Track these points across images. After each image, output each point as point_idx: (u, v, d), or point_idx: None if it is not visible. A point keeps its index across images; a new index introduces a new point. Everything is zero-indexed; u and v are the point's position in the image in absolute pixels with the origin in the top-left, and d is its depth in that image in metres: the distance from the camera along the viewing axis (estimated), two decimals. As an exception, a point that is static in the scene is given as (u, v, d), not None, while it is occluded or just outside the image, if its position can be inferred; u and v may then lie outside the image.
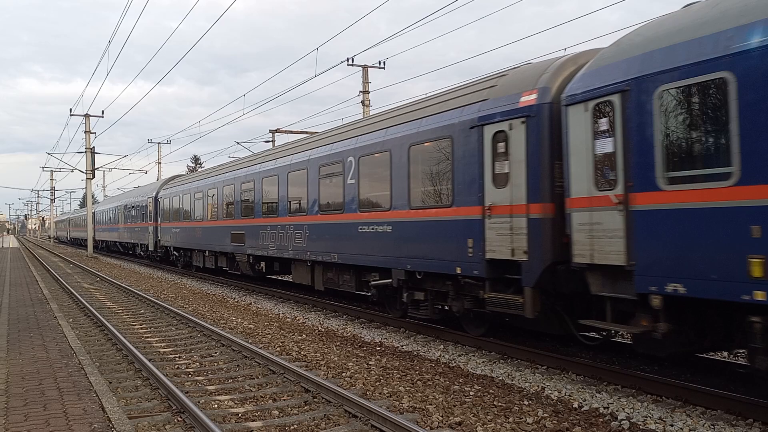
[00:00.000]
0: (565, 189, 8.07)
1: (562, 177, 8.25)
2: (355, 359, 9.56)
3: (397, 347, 10.77)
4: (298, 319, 14.09)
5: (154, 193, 31.01)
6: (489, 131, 9.21)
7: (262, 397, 7.59)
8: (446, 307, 10.84)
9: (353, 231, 12.81)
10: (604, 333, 9.18)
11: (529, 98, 8.66)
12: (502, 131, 8.98)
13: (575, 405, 7.22)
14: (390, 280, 11.64)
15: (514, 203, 8.75)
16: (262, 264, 18.81)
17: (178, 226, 26.50)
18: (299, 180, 15.32)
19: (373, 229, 12.09)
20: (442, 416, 6.65)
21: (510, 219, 8.79)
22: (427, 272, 10.67)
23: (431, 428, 6.33)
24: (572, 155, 7.91)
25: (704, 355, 8.99)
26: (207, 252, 23.31)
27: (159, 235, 29.77)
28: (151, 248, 31.37)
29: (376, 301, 12.85)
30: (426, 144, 10.67)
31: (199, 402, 7.19)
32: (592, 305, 8.27)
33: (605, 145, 7.44)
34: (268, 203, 17.30)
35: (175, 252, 28.24)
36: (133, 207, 35.78)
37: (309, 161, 14.88)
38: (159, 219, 29.86)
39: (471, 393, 7.66)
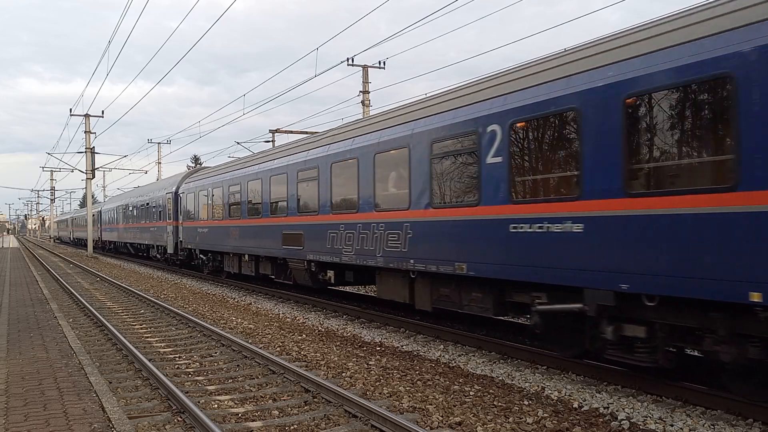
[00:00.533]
0: None
1: None
2: (355, 359, 9.56)
3: (397, 347, 10.77)
4: (298, 319, 14.09)
5: (174, 188, 27.44)
6: None
7: (262, 397, 7.59)
8: (682, 349, 7.56)
9: (499, 231, 8.95)
10: None
11: None
12: None
13: (575, 405, 7.21)
14: (579, 305, 7.81)
15: None
16: (330, 273, 14.79)
17: (206, 226, 22.61)
18: (394, 163, 11.50)
19: (542, 228, 8.28)
20: (442, 416, 6.65)
21: None
22: (667, 296, 6.85)
23: (431, 428, 6.33)
24: None
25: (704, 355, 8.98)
26: (246, 256, 19.44)
27: (180, 235, 26.71)
28: (170, 250, 27.92)
29: (539, 333, 8.91)
30: (661, 91, 6.80)
31: (199, 402, 7.19)
32: None
33: None
34: (341, 196, 13.47)
35: (201, 255, 24.35)
36: (147, 204, 32.29)
37: (412, 137, 10.89)
38: (180, 217, 26.82)
39: (471, 393, 7.66)
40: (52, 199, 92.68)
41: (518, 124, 8.71)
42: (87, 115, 44.87)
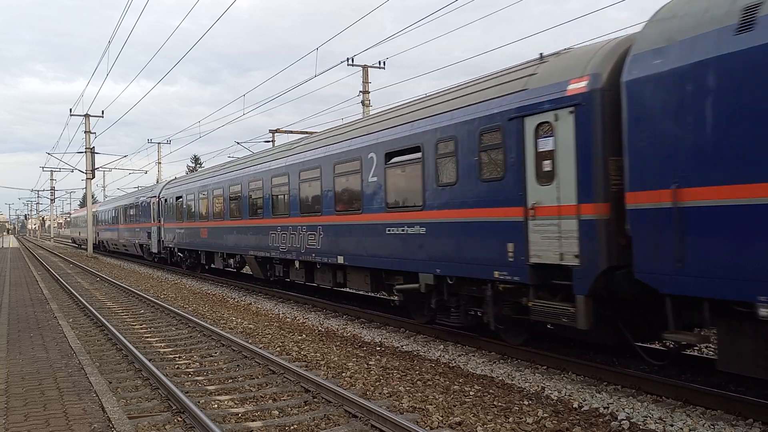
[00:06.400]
0: None
1: None
2: (355, 359, 9.56)
3: (397, 347, 10.76)
4: (298, 319, 14.08)
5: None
6: None
7: (262, 397, 7.59)
8: None
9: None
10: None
11: None
12: None
13: (575, 405, 7.21)
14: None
15: None
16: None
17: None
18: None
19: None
20: (442, 416, 6.65)
21: None
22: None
23: (431, 428, 6.33)
24: None
25: (704, 355, 9.00)
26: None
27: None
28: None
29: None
30: None
31: (199, 402, 7.19)
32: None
33: None
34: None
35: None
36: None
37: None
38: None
39: (471, 393, 7.65)
40: (52, 199, 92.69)
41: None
42: (87, 115, 44.88)
